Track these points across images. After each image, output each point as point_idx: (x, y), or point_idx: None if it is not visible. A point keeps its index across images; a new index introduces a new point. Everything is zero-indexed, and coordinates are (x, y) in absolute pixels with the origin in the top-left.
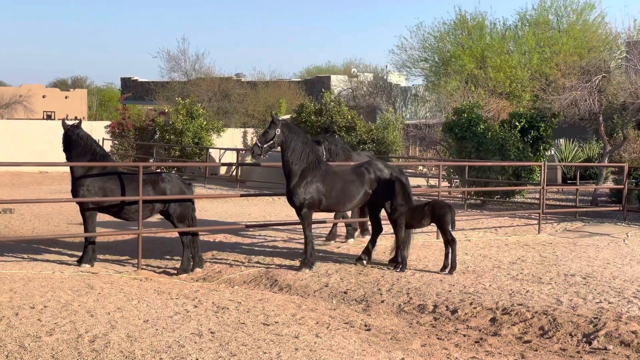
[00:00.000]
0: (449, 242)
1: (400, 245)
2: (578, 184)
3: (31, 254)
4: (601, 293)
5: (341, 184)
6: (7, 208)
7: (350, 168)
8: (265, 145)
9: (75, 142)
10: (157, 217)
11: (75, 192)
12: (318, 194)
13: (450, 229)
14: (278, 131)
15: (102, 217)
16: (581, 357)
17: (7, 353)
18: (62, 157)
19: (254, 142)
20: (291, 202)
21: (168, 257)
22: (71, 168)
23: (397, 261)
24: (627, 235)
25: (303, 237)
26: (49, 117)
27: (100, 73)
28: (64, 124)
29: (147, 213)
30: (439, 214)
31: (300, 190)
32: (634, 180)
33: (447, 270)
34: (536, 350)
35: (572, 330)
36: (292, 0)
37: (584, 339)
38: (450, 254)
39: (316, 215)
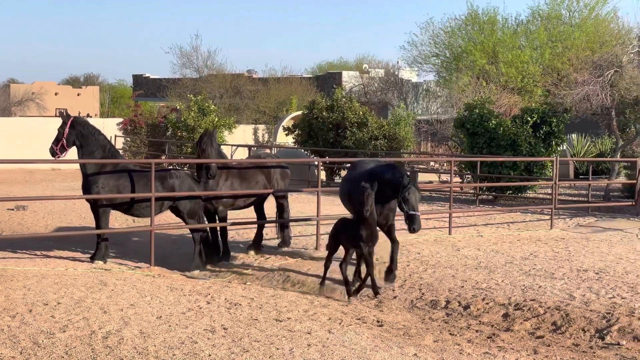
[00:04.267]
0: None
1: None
2: (590, 179)
3: (44, 251)
4: (614, 288)
5: None
6: (21, 205)
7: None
8: None
9: (86, 138)
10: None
11: (88, 190)
12: None
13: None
14: None
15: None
16: (594, 352)
17: (21, 349)
18: (73, 154)
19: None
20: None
21: (180, 253)
22: (82, 165)
23: None
24: None
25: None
26: (61, 115)
27: (112, 70)
28: (62, 117)
29: (156, 209)
30: None
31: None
32: None
33: None
34: (549, 345)
35: (585, 326)
36: None
37: (597, 335)
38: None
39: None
